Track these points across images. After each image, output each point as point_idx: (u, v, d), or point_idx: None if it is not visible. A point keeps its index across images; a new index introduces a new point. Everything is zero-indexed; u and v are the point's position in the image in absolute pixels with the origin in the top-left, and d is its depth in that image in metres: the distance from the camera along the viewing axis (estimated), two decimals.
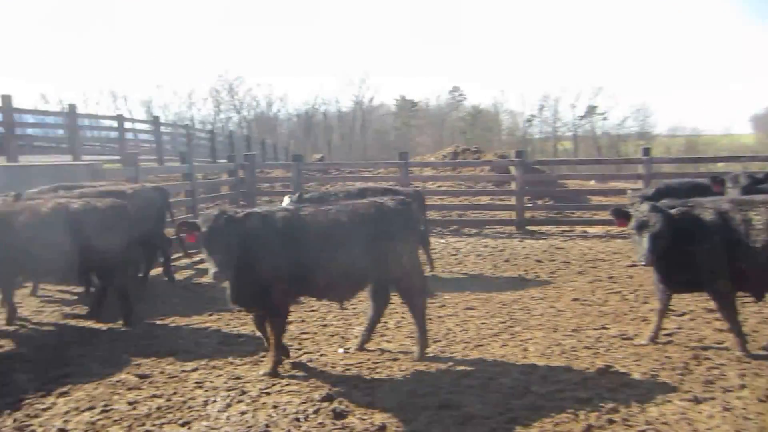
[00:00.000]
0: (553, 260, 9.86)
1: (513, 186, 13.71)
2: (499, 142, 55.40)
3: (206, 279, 8.62)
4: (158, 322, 6.48)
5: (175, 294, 7.86)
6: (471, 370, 4.90)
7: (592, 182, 19.68)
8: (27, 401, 4.37)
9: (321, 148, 55.69)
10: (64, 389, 4.59)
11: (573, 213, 14.47)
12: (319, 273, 4.88)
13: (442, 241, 12.12)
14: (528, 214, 13.61)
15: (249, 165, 13.93)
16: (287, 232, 4.80)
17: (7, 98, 14.28)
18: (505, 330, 6.07)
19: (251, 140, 32.66)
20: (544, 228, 13.34)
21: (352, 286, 5.18)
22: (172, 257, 9.02)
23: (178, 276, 9.00)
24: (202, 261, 10.10)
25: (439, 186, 17.44)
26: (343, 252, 4.89)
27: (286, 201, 8.40)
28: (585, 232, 12.86)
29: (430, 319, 6.45)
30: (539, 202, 15.81)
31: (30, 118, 16.51)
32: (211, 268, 4.45)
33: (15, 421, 4.06)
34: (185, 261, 10.16)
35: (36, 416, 4.14)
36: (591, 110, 55.08)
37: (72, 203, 6.17)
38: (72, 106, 16.87)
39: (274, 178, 17.80)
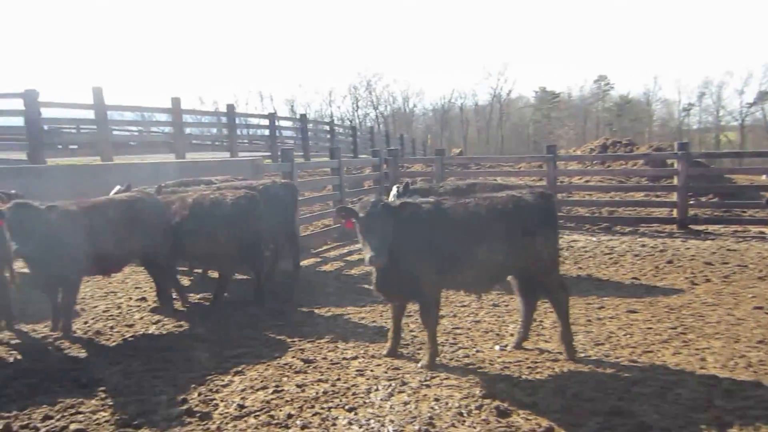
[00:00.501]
0: (726, 263, 9.01)
1: (675, 181, 12.71)
2: (650, 134, 51.80)
3: (356, 271, 8.97)
4: (316, 311, 6.83)
5: (329, 285, 8.23)
6: (642, 377, 4.62)
7: (764, 177, 17.78)
8: (209, 377, 4.80)
9: (457, 142, 55.66)
10: (239, 369, 4.99)
11: (744, 211, 13.16)
12: (463, 264, 4.95)
13: (594, 239, 11.56)
14: (691, 212, 12.57)
15: (392, 160, 14.23)
16: (437, 222, 4.92)
17: (176, 100, 15.86)
18: (676, 337, 5.65)
19: (390, 136, 33.35)
20: (711, 227, 12.23)
21: (492, 279, 5.24)
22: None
23: (330, 267, 9.43)
24: (351, 253, 10.54)
25: (586, 181, 16.69)
26: (485, 244, 4.94)
27: (393, 193, 8.60)
28: (763, 233, 11.60)
29: (589, 320, 6.22)
30: (703, 199, 14.55)
31: (189, 119, 18.18)
32: (367, 253, 4.61)
33: (200, 394, 4.47)
34: (334, 253, 10.63)
35: (217, 392, 4.54)
36: (763, 96, 49.55)
37: (228, 194, 6.93)
38: (230, 107, 18.30)
39: (415, 173, 18.01)
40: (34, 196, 6.09)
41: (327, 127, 29.03)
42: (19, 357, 5.41)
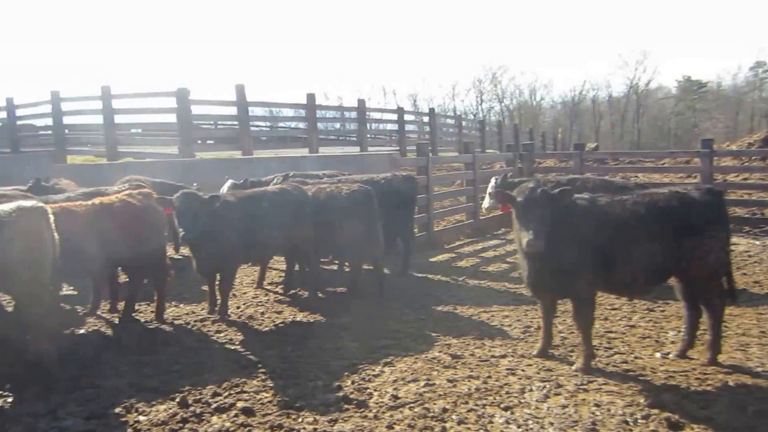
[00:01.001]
0: None
1: None
2: None
3: (494, 268, 8.86)
4: (458, 307, 6.82)
5: (467, 281, 8.19)
6: None
7: None
8: (360, 366, 4.95)
9: (587, 136, 53.27)
10: (388, 360, 5.10)
11: None
12: (620, 264, 4.73)
13: (757, 242, 10.55)
14: None
15: (527, 155, 13.88)
16: (594, 217, 4.76)
17: (311, 96, 16.53)
18: None
19: (518, 130, 32.61)
20: None
21: (649, 281, 4.97)
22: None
23: (465, 263, 9.39)
24: (485, 249, 10.45)
25: (744, 179, 15.27)
26: (644, 244, 4.71)
27: (491, 185, 8.33)
28: None
29: (762, 332, 5.70)
30: None
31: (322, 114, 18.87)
32: (525, 237, 4.52)
33: (353, 383, 4.63)
34: (468, 249, 10.57)
35: (369, 381, 4.67)
36: None
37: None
38: (361, 102, 18.78)
39: (551, 168, 17.47)
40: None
41: (453, 122, 28.94)
42: (183, 336, 5.91)
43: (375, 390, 4.49)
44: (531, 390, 4.38)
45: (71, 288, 7.44)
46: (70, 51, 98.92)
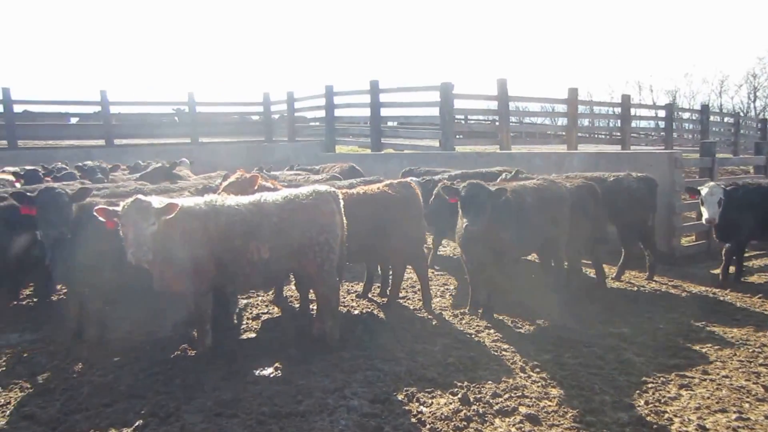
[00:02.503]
0: None
1: None
2: None
3: None
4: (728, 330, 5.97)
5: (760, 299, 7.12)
6: None
7: None
8: (650, 385, 4.55)
9: None
10: (684, 382, 4.60)
11: None
12: None
13: None
14: None
15: None
16: None
17: (572, 91, 15.91)
18: None
19: None
20: None
21: None
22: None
23: (757, 279, 8.17)
24: None
25: None
26: None
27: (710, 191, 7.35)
28: None
29: None
30: None
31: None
32: None
33: (647, 403, 4.24)
34: (759, 263, 9.21)
35: (666, 404, 4.24)
36: None
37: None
38: (626, 97, 17.57)
39: None
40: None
41: (732, 120, 25.63)
42: (451, 327, 6.02)
43: (675, 416, 4.07)
44: None
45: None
46: (343, 48, 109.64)
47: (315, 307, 5.93)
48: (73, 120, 26.58)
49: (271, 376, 4.79)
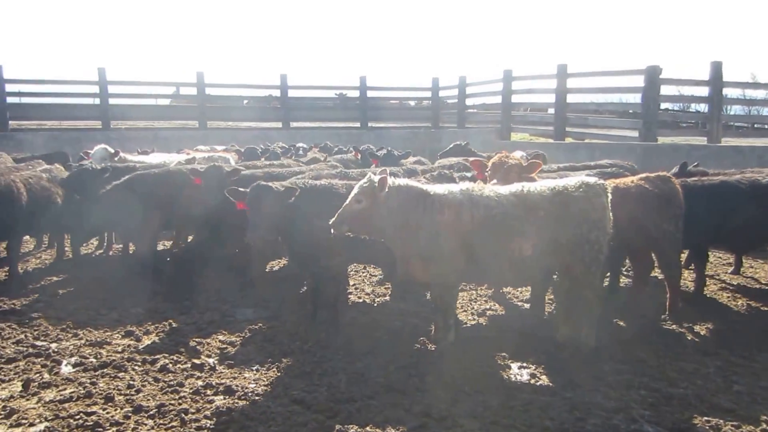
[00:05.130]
0: None
1: None
2: None
3: None
4: None
5: None
6: None
7: None
8: None
9: None
10: None
11: None
12: None
13: None
14: None
15: None
16: None
17: None
18: None
19: None
20: None
21: None
22: None
23: None
24: None
25: None
26: None
27: None
28: None
29: None
30: None
31: None
32: None
33: None
34: None
35: None
36: None
37: None
38: None
39: None
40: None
41: None
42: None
43: None
44: None
45: None
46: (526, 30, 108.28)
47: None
48: (245, 102, 28.55)
49: (531, 383, 4.44)
